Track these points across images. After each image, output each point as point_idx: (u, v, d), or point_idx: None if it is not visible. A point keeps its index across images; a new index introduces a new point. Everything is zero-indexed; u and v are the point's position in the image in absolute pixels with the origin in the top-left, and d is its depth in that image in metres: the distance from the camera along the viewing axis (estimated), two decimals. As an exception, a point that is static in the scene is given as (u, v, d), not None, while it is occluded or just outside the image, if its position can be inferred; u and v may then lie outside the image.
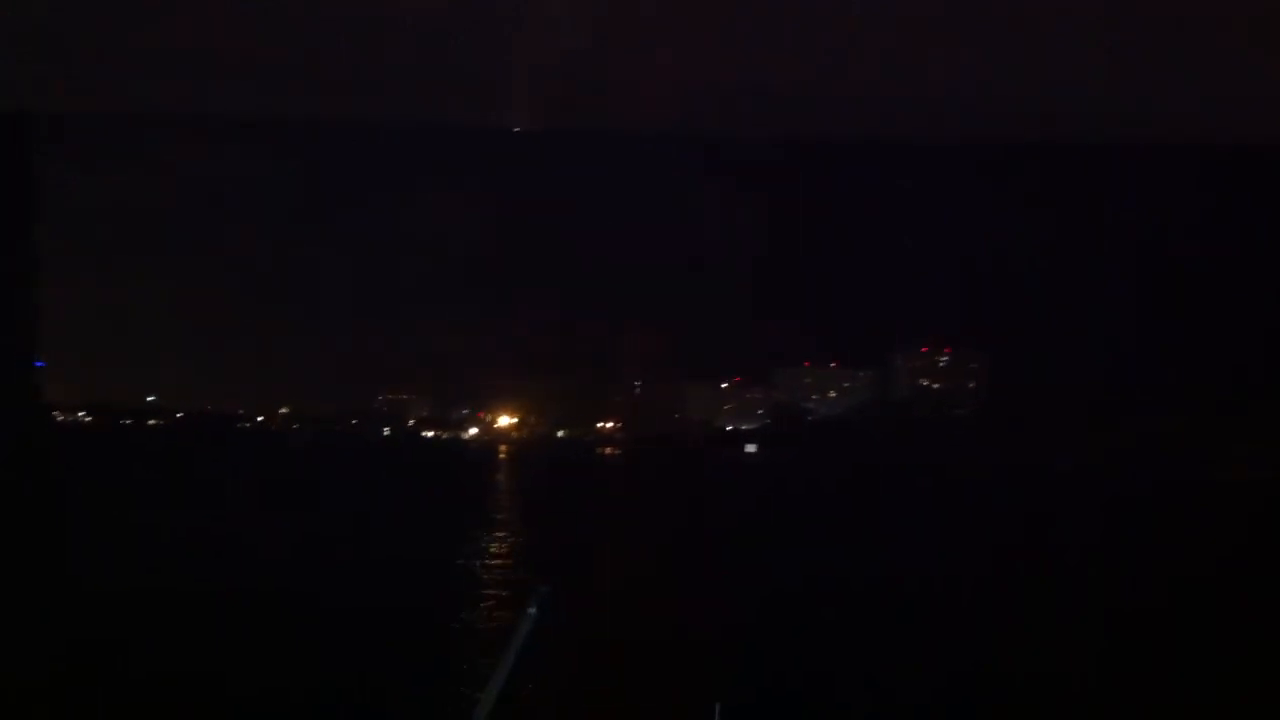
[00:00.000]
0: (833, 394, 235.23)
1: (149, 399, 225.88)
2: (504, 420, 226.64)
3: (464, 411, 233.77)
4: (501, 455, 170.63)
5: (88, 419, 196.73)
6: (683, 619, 30.34)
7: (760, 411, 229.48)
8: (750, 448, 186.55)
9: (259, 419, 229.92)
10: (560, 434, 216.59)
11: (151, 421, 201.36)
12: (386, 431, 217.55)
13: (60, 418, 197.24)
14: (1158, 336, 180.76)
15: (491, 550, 45.66)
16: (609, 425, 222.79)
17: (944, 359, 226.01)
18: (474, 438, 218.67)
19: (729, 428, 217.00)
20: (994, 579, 38.75)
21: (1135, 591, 40.96)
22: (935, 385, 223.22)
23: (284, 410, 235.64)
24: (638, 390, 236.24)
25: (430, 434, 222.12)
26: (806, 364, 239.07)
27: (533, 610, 3.93)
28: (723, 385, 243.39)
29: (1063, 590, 40.64)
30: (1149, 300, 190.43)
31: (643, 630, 29.25)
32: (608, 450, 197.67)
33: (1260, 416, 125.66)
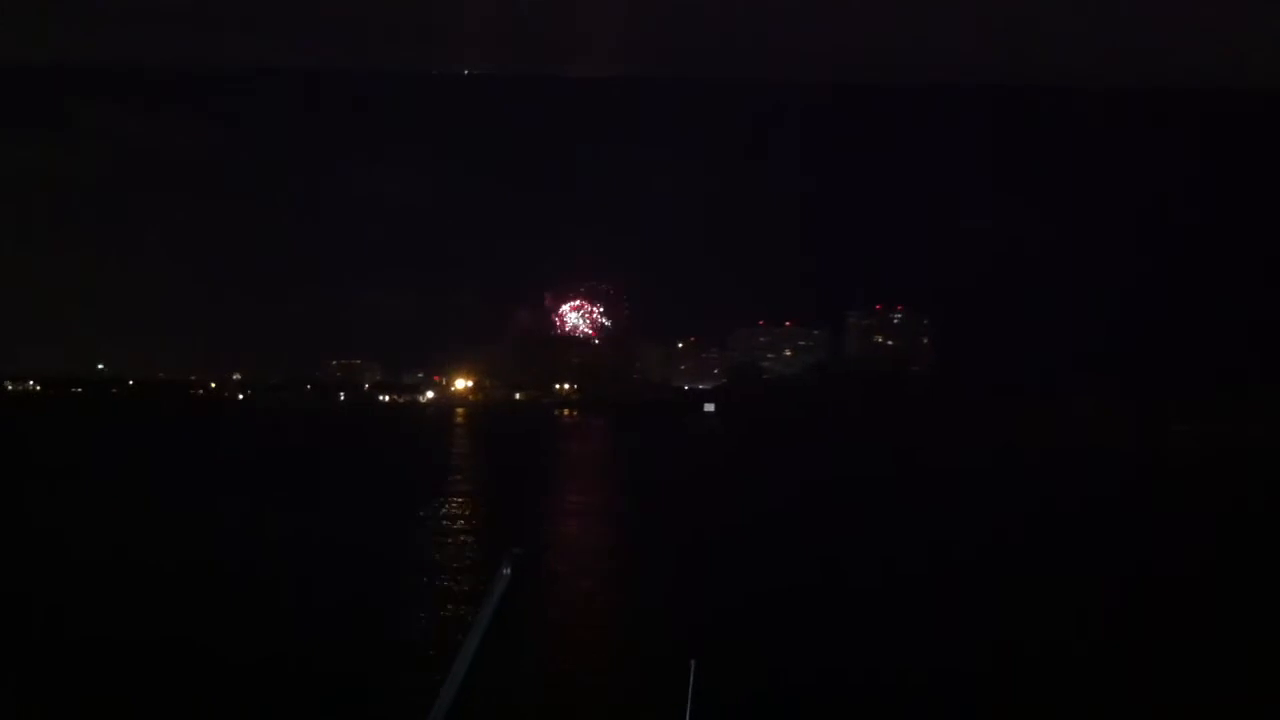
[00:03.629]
0: (788, 352, 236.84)
1: (99, 367, 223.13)
2: (460, 383, 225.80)
3: (419, 375, 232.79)
4: (459, 419, 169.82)
5: (37, 388, 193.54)
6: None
7: (716, 371, 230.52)
8: (709, 407, 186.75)
9: (211, 385, 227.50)
10: (518, 396, 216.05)
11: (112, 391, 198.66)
12: (342, 396, 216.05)
13: (10, 387, 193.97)
14: (1112, 297, 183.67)
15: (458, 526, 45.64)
16: (566, 387, 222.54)
17: (897, 317, 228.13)
18: (431, 401, 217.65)
19: (686, 387, 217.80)
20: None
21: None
22: (889, 342, 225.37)
23: (236, 377, 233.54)
24: (594, 351, 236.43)
25: (386, 398, 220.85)
26: (761, 323, 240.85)
27: (506, 571, 3.97)
28: (679, 345, 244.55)
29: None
30: (1110, 262, 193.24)
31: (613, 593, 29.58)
32: (566, 413, 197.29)
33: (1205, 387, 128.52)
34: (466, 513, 46.98)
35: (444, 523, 43.27)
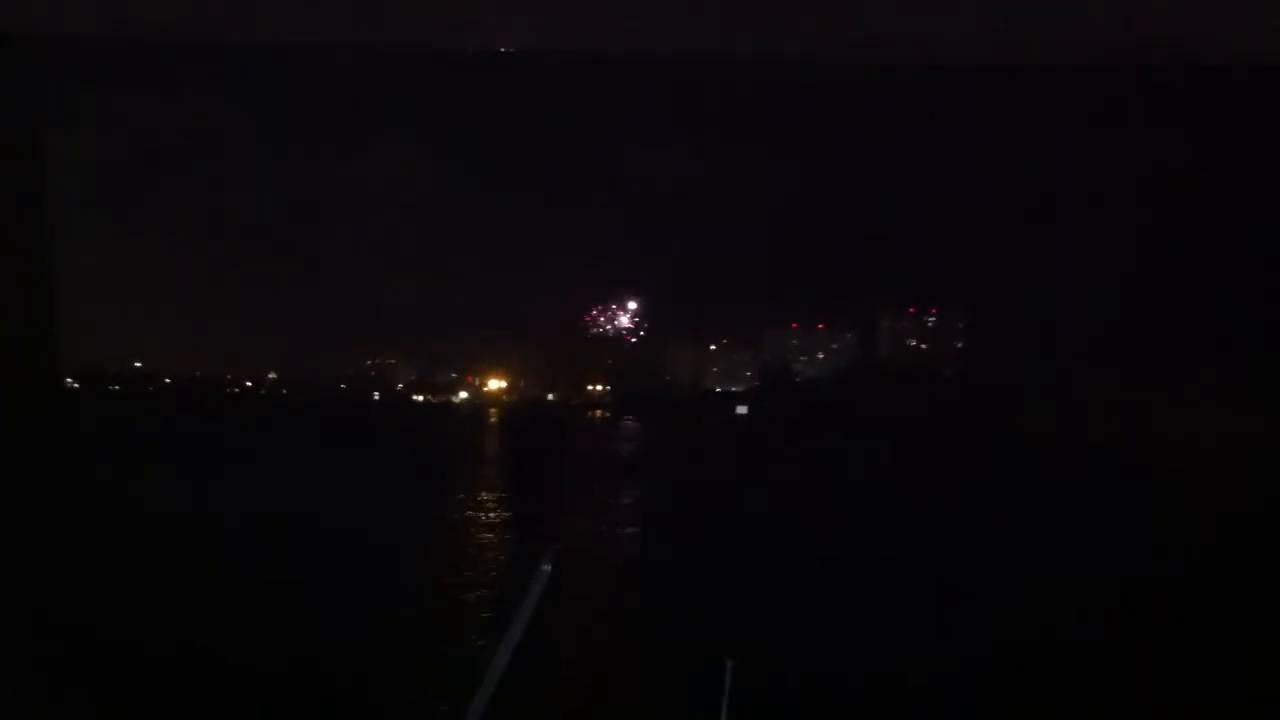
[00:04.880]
0: (820, 355, 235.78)
1: (135, 365, 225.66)
2: (493, 384, 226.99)
3: (452, 375, 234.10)
4: (491, 419, 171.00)
5: (75, 385, 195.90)
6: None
7: (749, 373, 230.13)
8: (741, 409, 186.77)
9: (247, 384, 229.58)
10: (550, 397, 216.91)
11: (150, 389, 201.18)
12: (376, 396, 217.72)
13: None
14: (1152, 298, 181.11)
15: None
16: (598, 388, 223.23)
17: (931, 319, 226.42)
18: (464, 401, 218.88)
19: (718, 389, 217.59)
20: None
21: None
22: (922, 345, 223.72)
23: (272, 375, 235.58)
24: (626, 353, 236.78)
25: (420, 398, 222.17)
26: (794, 325, 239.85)
27: (547, 567, 4.06)
28: (711, 347, 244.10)
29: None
30: (1145, 259, 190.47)
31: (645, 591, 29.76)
32: (596, 413, 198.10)
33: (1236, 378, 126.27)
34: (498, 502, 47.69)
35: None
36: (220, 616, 22.92)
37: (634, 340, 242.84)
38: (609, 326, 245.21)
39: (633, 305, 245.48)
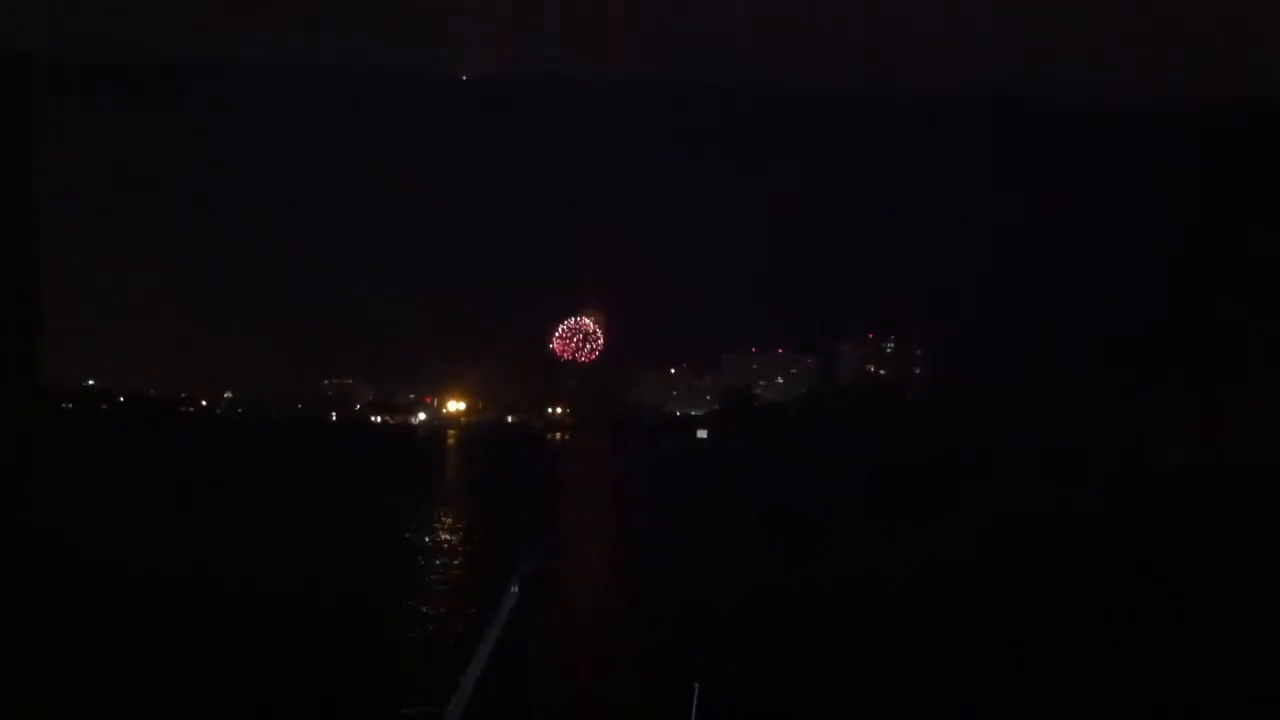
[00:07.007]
0: (780, 380, 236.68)
1: (89, 383, 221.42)
2: (453, 405, 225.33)
3: (410, 396, 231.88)
4: (450, 441, 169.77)
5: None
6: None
7: (709, 397, 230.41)
8: (701, 433, 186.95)
9: (202, 403, 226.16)
10: (510, 419, 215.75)
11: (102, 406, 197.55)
12: (334, 417, 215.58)
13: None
14: (1116, 324, 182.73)
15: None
16: (559, 410, 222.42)
17: (890, 345, 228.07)
18: (423, 423, 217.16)
19: (678, 412, 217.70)
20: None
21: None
22: (881, 371, 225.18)
23: (227, 395, 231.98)
24: (588, 375, 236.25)
25: (378, 419, 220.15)
26: (754, 350, 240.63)
27: (515, 589, 3.94)
28: (671, 371, 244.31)
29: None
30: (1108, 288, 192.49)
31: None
32: (557, 435, 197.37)
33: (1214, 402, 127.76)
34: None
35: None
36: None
37: (595, 363, 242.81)
38: (571, 349, 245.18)
39: (594, 328, 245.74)
